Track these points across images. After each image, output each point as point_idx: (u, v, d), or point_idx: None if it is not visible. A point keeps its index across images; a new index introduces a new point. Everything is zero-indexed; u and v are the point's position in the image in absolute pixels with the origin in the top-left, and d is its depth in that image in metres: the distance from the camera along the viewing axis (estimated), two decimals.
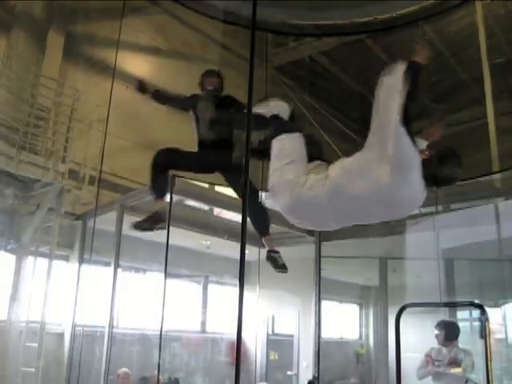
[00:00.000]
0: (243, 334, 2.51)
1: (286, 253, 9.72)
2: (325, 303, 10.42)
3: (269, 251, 4.90)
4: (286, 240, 9.82)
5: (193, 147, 5.27)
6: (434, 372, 6.08)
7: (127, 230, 8.02)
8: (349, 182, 3.20)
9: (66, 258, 8.80)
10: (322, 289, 8.19)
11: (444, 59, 11.06)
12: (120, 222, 7.95)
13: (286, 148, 3.55)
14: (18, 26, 8.30)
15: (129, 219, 7.99)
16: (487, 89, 8.64)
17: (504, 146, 8.44)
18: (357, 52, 11.24)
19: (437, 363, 6.20)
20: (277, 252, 4.90)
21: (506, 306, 8.34)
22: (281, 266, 4.93)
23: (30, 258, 7.71)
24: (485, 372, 5.05)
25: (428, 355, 6.24)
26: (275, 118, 3.78)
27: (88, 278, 7.71)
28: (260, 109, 3.72)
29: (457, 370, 5.92)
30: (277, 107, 3.86)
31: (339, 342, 12.48)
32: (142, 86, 5.40)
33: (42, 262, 7.65)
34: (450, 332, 6.25)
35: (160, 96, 5.50)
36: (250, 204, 4.71)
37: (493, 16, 9.54)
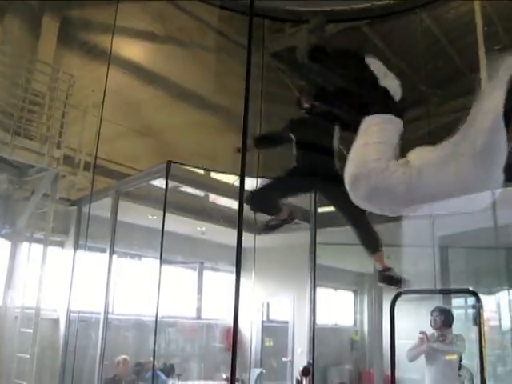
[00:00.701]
0: (238, 321, 2.51)
1: (280, 240, 9.79)
2: (320, 290, 10.44)
3: (381, 271, 4.47)
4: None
5: (186, 131, 5.22)
6: (429, 349, 6.07)
7: (122, 215, 8.03)
8: (432, 173, 3.10)
9: (61, 244, 8.78)
10: (317, 276, 8.18)
11: (442, 46, 11.04)
12: (115, 207, 7.92)
13: (386, 128, 3.37)
14: (12, 11, 8.23)
15: (124, 205, 7.99)
16: (483, 76, 8.61)
17: None
18: (354, 39, 11.20)
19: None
20: (389, 269, 4.48)
21: (501, 293, 8.37)
22: (398, 282, 4.44)
23: (25, 244, 7.69)
24: (478, 358, 5.09)
25: (422, 332, 6.24)
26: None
27: (83, 264, 7.72)
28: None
29: (451, 357, 5.95)
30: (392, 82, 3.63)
31: (334, 329, 12.54)
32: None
33: (37, 248, 7.63)
34: (445, 318, 6.27)
35: (261, 144, 5.26)
36: (358, 222, 4.46)
37: (490, 4, 9.50)
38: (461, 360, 6.14)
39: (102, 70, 6.75)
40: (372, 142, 3.18)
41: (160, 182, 7.66)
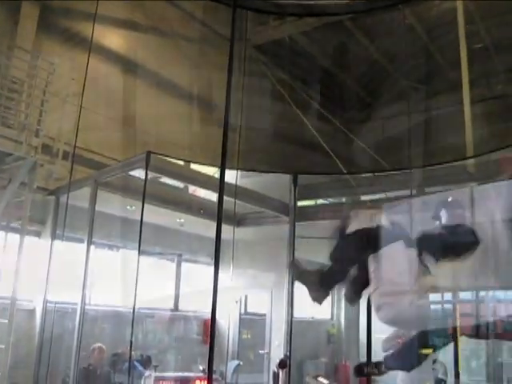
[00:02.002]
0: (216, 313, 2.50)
1: (260, 233, 9.77)
2: (298, 283, 10.47)
3: None
4: (261, 220, 9.85)
5: (166, 121, 5.19)
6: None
7: (101, 206, 7.97)
8: None
9: (38, 234, 8.69)
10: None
11: (423, 43, 11.10)
12: (94, 198, 7.85)
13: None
14: None
15: (102, 195, 7.92)
16: (464, 74, 8.69)
17: (478, 132, 8.53)
18: (336, 33, 11.22)
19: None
20: None
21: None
22: None
23: (1, 233, 7.60)
24: (453, 353, 5.13)
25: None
26: None
27: (60, 255, 7.65)
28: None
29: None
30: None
31: (311, 322, 12.59)
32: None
33: (14, 238, 7.54)
34: None
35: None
36: None
37: (472, 3, 9.58)
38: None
39: (83, 58, 6.66)
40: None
41: (139, 173, 7.61)
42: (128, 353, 7.38)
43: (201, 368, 8.90)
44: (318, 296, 4.42)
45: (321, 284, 4.35)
